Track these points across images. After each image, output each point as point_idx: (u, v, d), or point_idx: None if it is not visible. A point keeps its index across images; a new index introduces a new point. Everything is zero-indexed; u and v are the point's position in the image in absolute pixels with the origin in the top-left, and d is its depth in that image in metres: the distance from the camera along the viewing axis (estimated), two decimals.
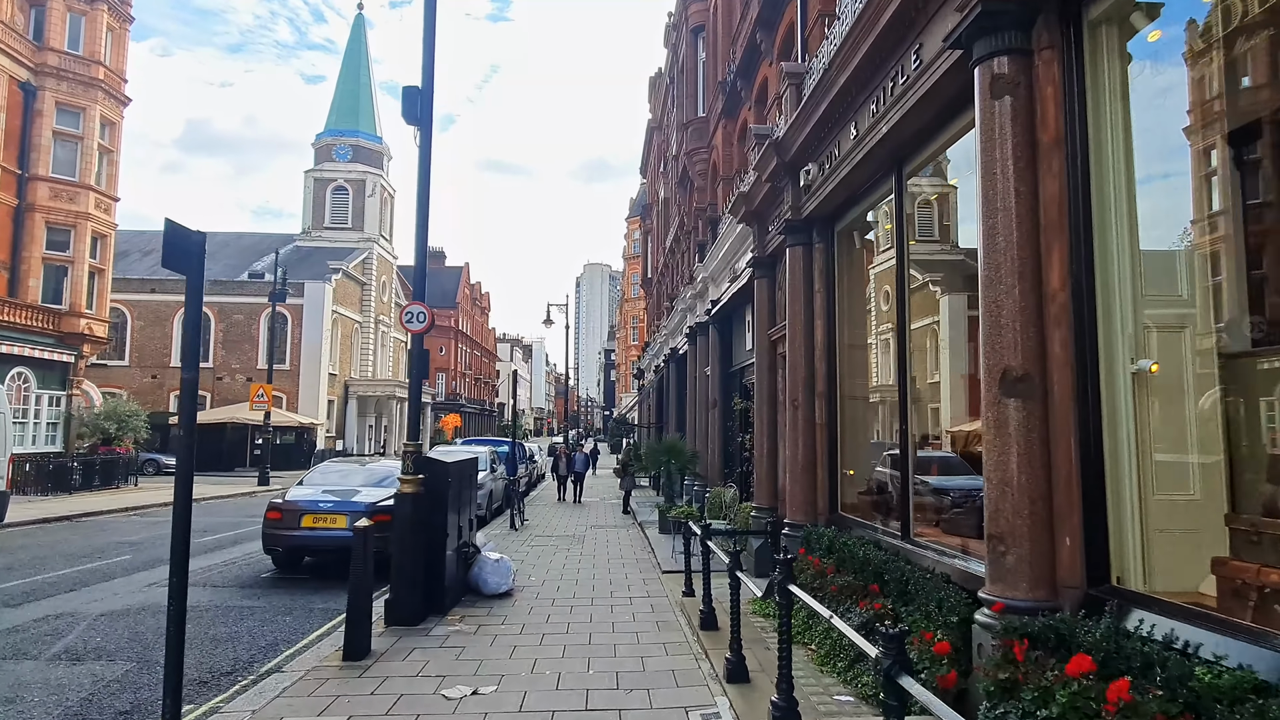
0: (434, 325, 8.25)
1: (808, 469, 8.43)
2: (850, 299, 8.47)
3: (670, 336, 23.78)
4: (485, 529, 15.77)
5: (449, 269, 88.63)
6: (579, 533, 15.23)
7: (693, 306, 17.87)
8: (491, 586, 8.89)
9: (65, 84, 24.68)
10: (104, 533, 14.80)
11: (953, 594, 4.87)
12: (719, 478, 14.51)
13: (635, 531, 15.43)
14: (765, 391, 10.47)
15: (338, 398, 46.32)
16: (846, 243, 8.51)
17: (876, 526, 7.09)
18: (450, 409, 75.76)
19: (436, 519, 7.97)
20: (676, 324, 21.95)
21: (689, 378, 19.26)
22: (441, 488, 8.02)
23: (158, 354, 42.66)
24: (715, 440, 14.88)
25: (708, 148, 18.72)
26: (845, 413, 8.35)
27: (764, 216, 10.33)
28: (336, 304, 45.39)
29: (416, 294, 8.14)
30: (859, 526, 7.48)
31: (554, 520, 17.33)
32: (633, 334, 63.10)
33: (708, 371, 16.17)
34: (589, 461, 23.17)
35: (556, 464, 22.72)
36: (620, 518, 18.12)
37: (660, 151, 34.53)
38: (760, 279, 10.66)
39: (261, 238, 52.45)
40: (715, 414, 14.89)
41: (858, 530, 7.38)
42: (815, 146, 7.98)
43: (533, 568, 11.03)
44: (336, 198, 51.10)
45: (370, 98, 54.03)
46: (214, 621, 7.94)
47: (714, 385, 15.06)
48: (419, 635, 7.12)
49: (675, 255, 26.75)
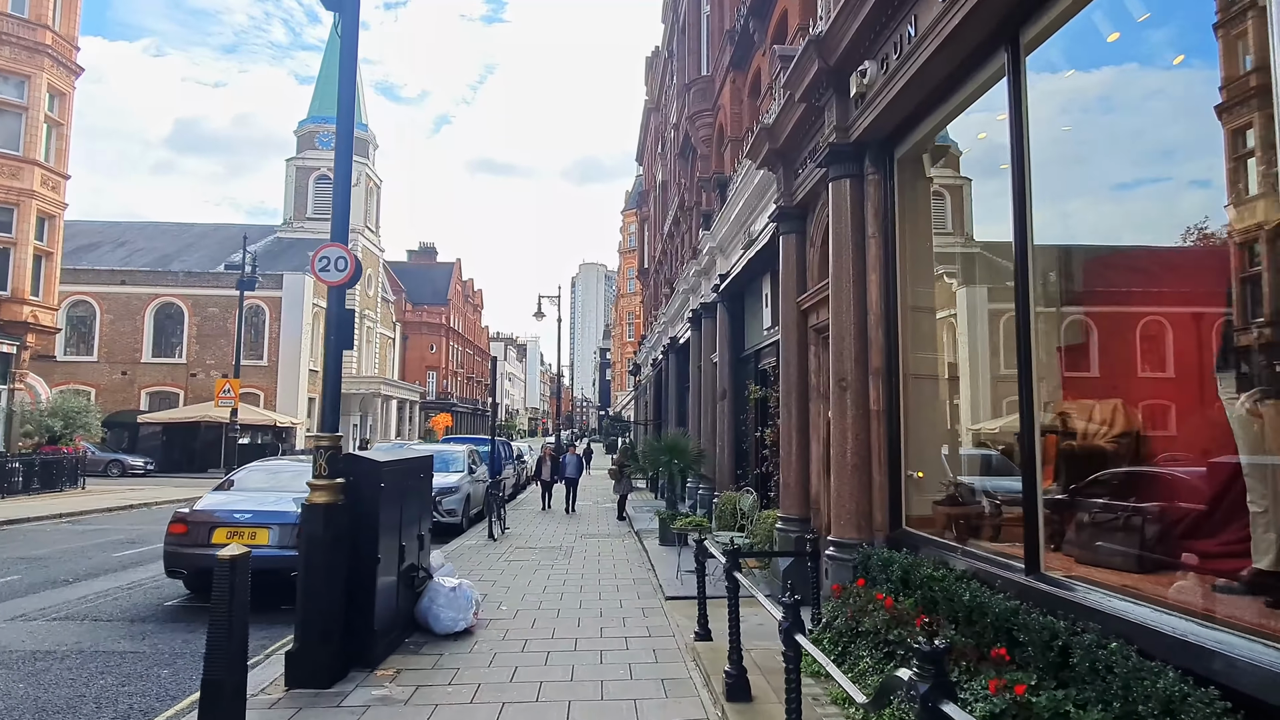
0: (358, 276, 6.17)
1: (859, 470, 6.37)
2: (915, 247, 6.43)
3: (669, 325, 21.71)
4: (461, 538, 13.71)
5: (440, 265, 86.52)
6: (567, 544, 13.16)
7: (696, 286, 15.81)
8: (444, 624, 6.81)
9: (7, 49, 22.53)
10: (10, 544, 12.67)
11: (1165, 683, 2.83)
12: (729, 480, 12.46)
13: (632, 541, 13.36)
14: (794, 374, 8.42)
15: (319, 395, 44.10)
16: (911, 171, 6.46)
17: (974, 552, 5.03)
18: (441, 408, 73.73)
19: (364, 539, 5.89)
20: (677, 310, 19.88)
21: (692, 368, 17.20)
22: (370, 496, 5.94)
23: (128, 349, 40.43)
24: (725, 436, 12.82)
25: (713, 109, 16.67)
26: (910, 396, 6.31)
27: (793, 154, 8.27)
28: (318, 297, 43.17)
29: (336, 232, 6.09)
30: (936, 548, 5.43)
31: (540, 529, 15.27)
32: (629, 330, 61.05)
33: (714, 359, 14.11)
34: (582, 465, 20.00)
35: (540, 468, 19.59)
36: (615, 525, 16.05)
37: (657, 134, 32.55)
38: (787, 235, 8.61)
39: (240, 228, 50.19)
40: (725, 406, 12.83)
41: (933, 552, 5.34)
42: (875, 35, 5.93)
43: (505, 591, 8.96)
44: (320, 187, 48.94)
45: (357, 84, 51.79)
46: (60, 678, 5.85)
47: (723, 373, 13.00)
48: (327, 707, 5.04)
49: (674, 240, 24.69)
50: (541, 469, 19.42)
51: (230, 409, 28.01)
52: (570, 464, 18.85)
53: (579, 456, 19.71)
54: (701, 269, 14.69)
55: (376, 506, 5.96)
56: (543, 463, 19.36)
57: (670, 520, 11.75)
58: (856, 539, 6.28)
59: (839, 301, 6.66)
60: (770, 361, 10.64)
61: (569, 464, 18.84)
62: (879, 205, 6.52)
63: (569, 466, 18.78)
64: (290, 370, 40.81)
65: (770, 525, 8.71)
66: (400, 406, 54.67)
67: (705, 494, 14.00)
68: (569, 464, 18.84)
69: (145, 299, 40.87)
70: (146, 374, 40.14)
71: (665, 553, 11.58)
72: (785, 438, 8.47)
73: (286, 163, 49.22)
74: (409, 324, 73.42)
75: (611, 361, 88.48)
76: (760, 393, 10.58)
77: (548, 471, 19.04)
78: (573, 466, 18.83)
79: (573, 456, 19.17)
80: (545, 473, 19.18)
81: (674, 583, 9.18)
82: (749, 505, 9.64)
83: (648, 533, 13.73)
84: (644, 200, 37.53)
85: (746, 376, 12.29)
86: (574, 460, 19.06)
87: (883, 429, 6.32)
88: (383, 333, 53.51)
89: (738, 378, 12.65)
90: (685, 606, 7.94)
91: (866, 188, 6.62)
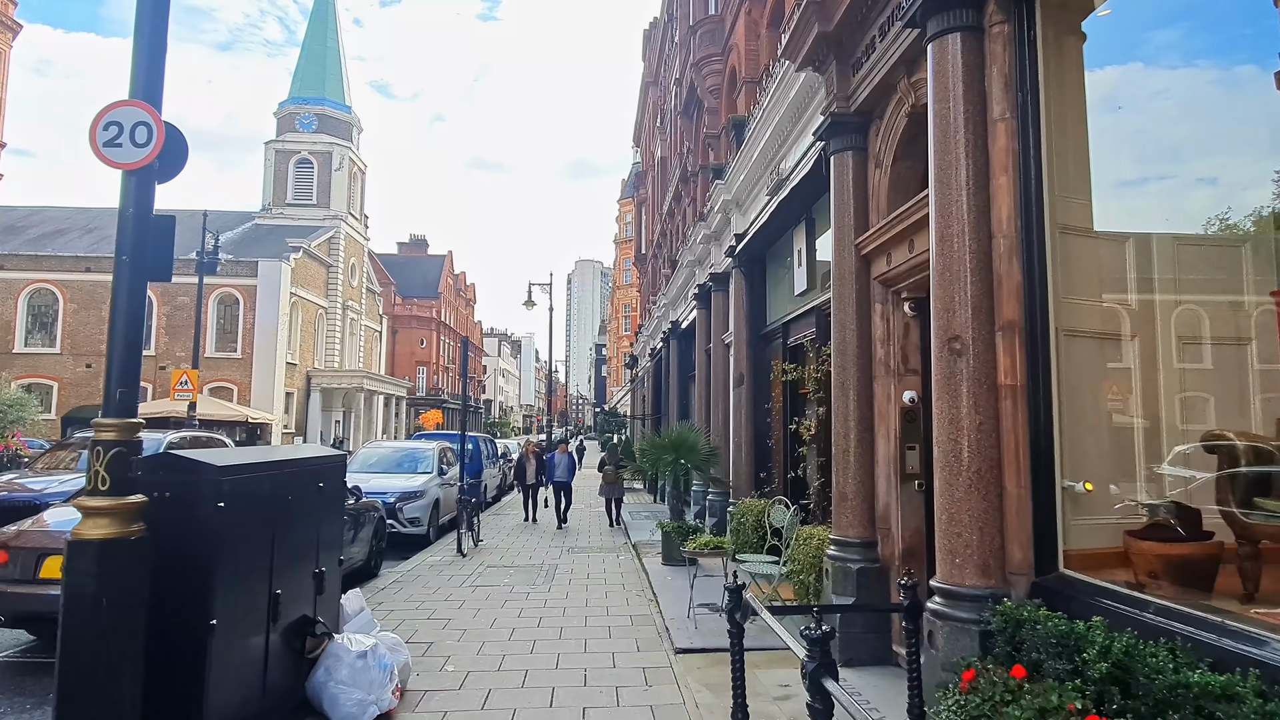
0: (178, 158, 3.85)
1: (983, 479, 4.09)
2: (1067, 135, 4.14)
3: (670, 308, 19.39)
4: (424, 553, 11.41)
5: (431, 257, 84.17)
6: (549, 560, 10.86)
7: (704, 256, 13.51)
8: (345, 710, 4.50)
9: None
10: None
11: None
12: (749, 484, 10.15)
13: (628, 558, 11.06)
14: (852, 344, 6.13)
15: (298, 390, 41.77)
16: (1059, 20, 4.17)
17: (1242, 629, 2.74)
18: (431, 404, 71.38)
19: (187, 591, 3.58)
20: (679, 289, 17.57)
21: (697, 353, 14.90)
22: (202, 522, 3.63)
23: (93, 340, 38.01)
24: (742, 431, 10.50)
25: (722, 52, 14.35)
26: (1066, 363, 4.02)
27: (853, 36, 5.96)
28: (296, 286, 40.84)
29: (140, 86, 3.76)
30: (1127, 608, 3.17)
31: (520, 540, 12.96)
32: (624, 323, 58.69)
33: (727, 339, 11.82)
34: (574, 465, 16.08)
35: (521, 470, 15.95)
36: (607, 534, 13.76)
37: (655, 109, 30.26)
38: (840, 155, 6.30)
39: (217, 216, 47.69)
40: (742, 394, 10.52)
41: (1121, 614, 3.07)
42: None
43: (459, 637, 6.65)
44: (300, 171, 46.51)
45: (339, 64, 49.44)
46: None
47: (739, 355, 10.69)
48: None
49: (674, 219, 22.39)
50: (524, 470, 15.87)
51: (188, 402, 25.55)
52: (560, 464, 15.27)
53: (570, 455, 15.99)
54: (711, 232, 12.38)
55: (215, 539, 3.65)
56: (525, 462, 15.91)
57: (678, 536, 9.47)
58: (982, 587, 3.99)
59: (946, 222, 4.36)
60: (806, 334, 8.35)
61: (558, 464, 15.30)
62: (1009, 71, 4.22)
63: (558, 468, 15.24)
64: (266, 363, 38.42)
65: (816, 550, 6.43)
66: (388, 402, 52.30)
67: (717, 500, 11.71)
68: (558, 464, 15.30)
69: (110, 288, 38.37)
70: None
71: (670, 576, 9.29)
72: (839, 430, 6.17)
73: (265, 146, 46.74)
74: (398, 317, 71.10)
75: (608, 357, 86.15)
76: (795, 373, 8.27)
77: (531, 473, 15.72)
78: (564, 467, 15.25)
79: (563, 455, 15.55)
80: (529, 474, 15.73)
81: (685, 625, 6.89)
82: (785, 521, 7.33)
83: (648, 546, 11.43)
84: (641, 181, 35.22)
85: (770, 356, 9.99)
86: (565, 460, 15.41)
87: (1022, 414, 4.03)
88: (368, 325, 51.15)
89: (759, 359, 10.35)
90: (704, 666, 5.67)
91: (990, 46, 4.32)
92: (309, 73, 48.15)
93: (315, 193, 46.36)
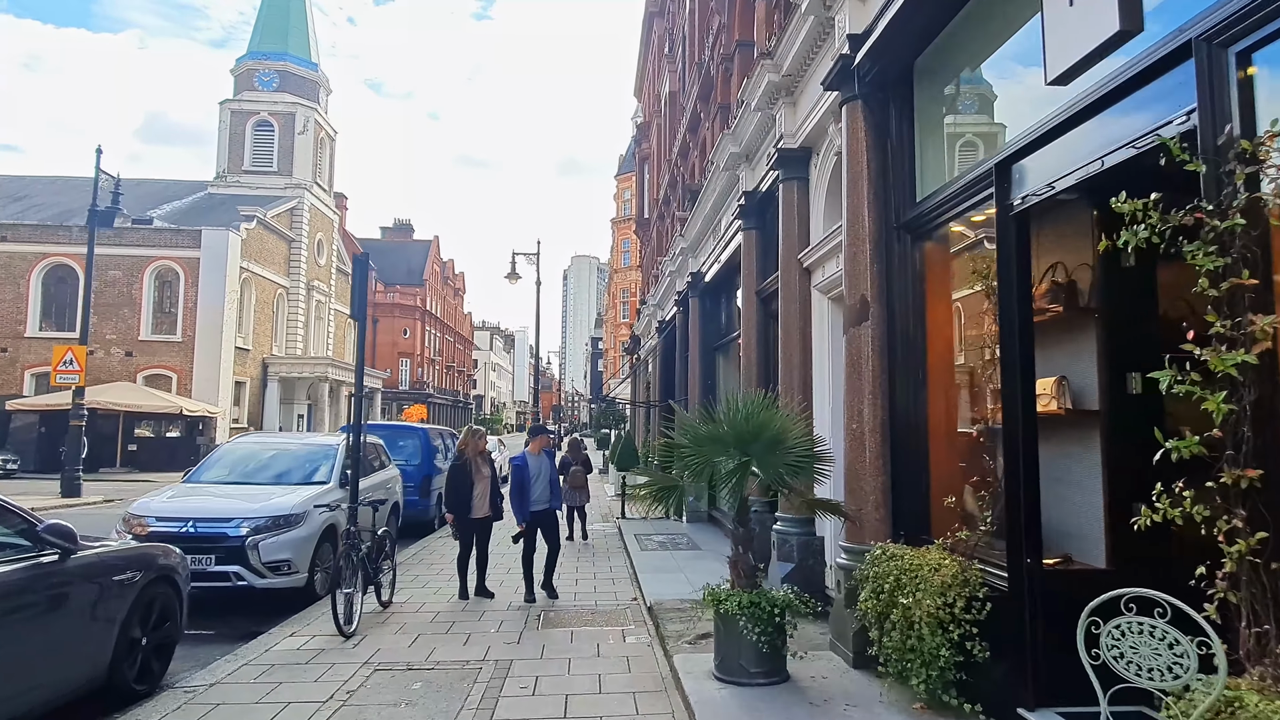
0: None
1: None
2: None
3: (690, 253, 14.29)
4: (286, 627, 6.48)
5: (416, 242, 79.05)
6: (496, 649, 5.82)
7: (762, 134, 8.49)
8: None
9: None
10: None
11: None
12: (881, 514, 5.12)
13: (641, 643, 6.03)
14: None
15: (252, 379, 36.65)
16: None
17: None
18: (415, 399, 66.31)
19: None
20: (708, 218, 12.49)
21: (743, 299, 9.88)
22: None
23: (9, 320, 32.87)
24: (865, 411, 5.35)
25: None
26: None
27: None
28: (250, 260, 35.74)
29: None
30: None
31: (451, 601, 7.87)
32: (623, 310, 53.66)
33: (813, 257, 6.81)
34: (555, 477, 8.17)
35: (458, 487, 7.68)
36: (595, 571, 8.73)
37: (660, 43, 25.32)
38: None
39: (168, 184, 42.67)
40: (865, 339, 5.41)
41: None
42: None
43: None
44: (259, 134, 41.35)
45: (304, 15, 44.23)
46: None
47: (859, 265, 5.54)
48: None
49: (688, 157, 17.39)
50: (463, 489, 7.69)
51: (73, 386, 20.49)
52: (535, 474, 7.74)
53: (552, 454, 8.38)
54: (780, 79, 7.31)
55: None
56: (467, 471, 7.73)
57: (758, 629, 4.48)
58: None
59: None
60: None
61: (532, 475, 7.72)
62: None
63: (532, 482, 7.70)
64: (210, 348, 33.30)
65: None
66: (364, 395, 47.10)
67: (793, 534, 6.70)
68: (532, 475, 7.72)
69: (31, 259, 33.31)
70: (32, 351, 32.55)
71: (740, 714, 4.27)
72: None
73: (220, 106, 41.54)
74: (380, 305, 66.06)
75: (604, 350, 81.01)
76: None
77: (479, 499, 7.71)
78: (543, 482, 7.78)
79: (537, 457, 7.88)
80: (478, 501, 7.70)
81: None
82: (1162, 660, 2.33)
83: (676, 615, 6.45)
84: (644, 134, 30.18)
85: (924, 259, 4.98)
86: (542, 467, 7.85)
87: None
88: (338, 309, 45.97)
89: (905, 264, 5.29)
90: None
91: None
92: (271, 25, 42.96)
93: (276, 159, 41.20)
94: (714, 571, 8.68)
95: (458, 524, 7.76)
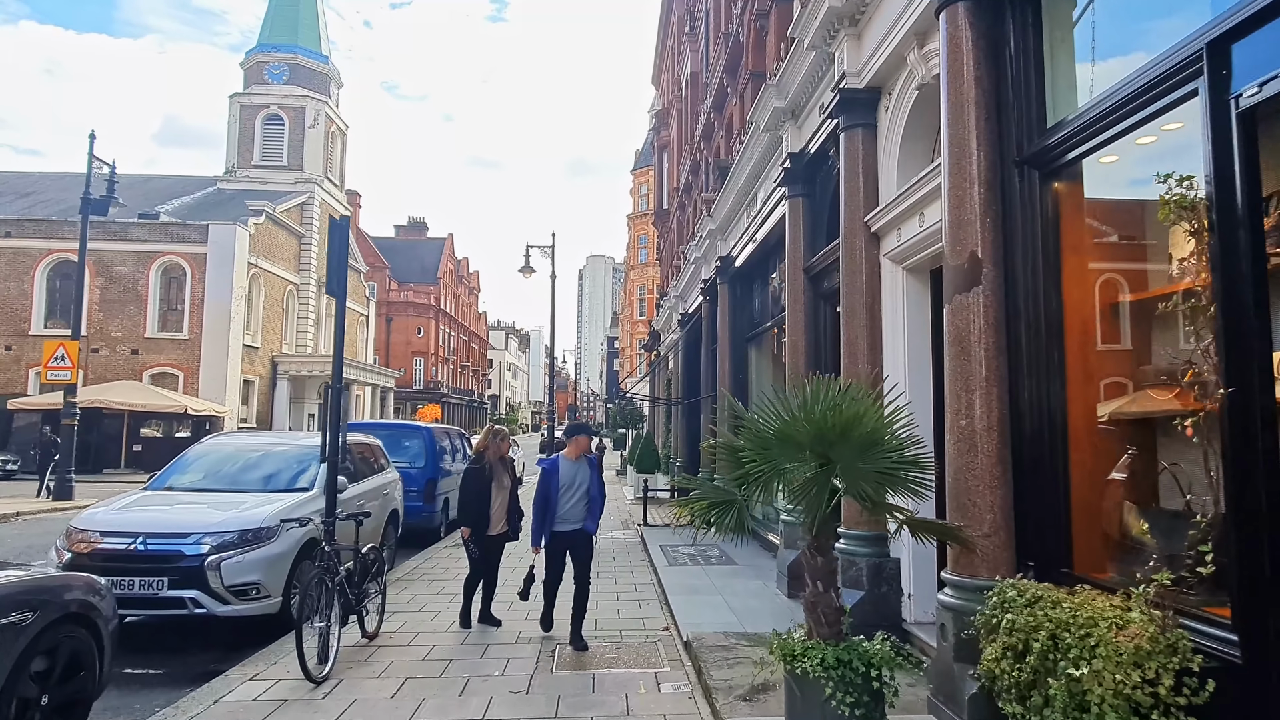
0: None
1: None
2: None
3: (719, 235, 13.04)
4: (248, 666, 5.28)
5: (430, 240, 78.09)
6: (490, 699, 4.62)
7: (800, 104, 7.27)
8: None
9: None
10: None
11: None
12: (1001, 539, 3.89)
13: (681, 703, 4.81)
14: None
15: (261, 378, 35.77)
16: None
17: None
18: (429, 398, 65.51)
19: None
20: (741, 194, 11.28)
21: (788, 277, 8.63)
22: None
23: (13, 318, 32.12)
24: (977, 404, 4.13)
25: None
26: None
27: None
28: (258, 256, 34.86)
29: None
30: None
31: (450, 632, 6.69)
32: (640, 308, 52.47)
33: (882, 219, 5.58)
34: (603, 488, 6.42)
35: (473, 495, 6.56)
36: (614, 611, 7.52)
37: (680, 24, 24.12)
38: None
39: (177, 180, 41.89)
40: (977, 307, 4.18)
41: None
42: None
43: None
44: (269, 128, 40.47)
45: (314, 7, 43.37)
46: None
47: (969, 211, 4.35)
48: None
49: (714, 134, 16.17)
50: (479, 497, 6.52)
51: (66, 384, 19.57)
52: (572, 483, 6.08)
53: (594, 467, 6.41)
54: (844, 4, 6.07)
55: None
56: (489, 472, 6.59)
57: (864, 711, 3.22)
58: None
59: None
60: None
61: (565, 485, 6.06)
62: None
63: (566, 494, 6.06)
64: (217, 346, 32.40)
65: None
66: (375, 395, 46.26)
67: (872, 560, 5.46)
68: (565, 485, 6.06)
69: (36, 255, 32.54)
70: (37, 349, 31.56)
71: None
72: None
73: (230, 99, 40.72)
74: (394, 304, 65.33)
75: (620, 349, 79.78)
76: None
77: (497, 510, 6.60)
78: (577, 496, 6.09)
79: (574, 463, 6.18)
80: (495, 514, 6.57)
81: None
82: None
83: (725, 663, 5.22)
84: (663, 122, 28.94)
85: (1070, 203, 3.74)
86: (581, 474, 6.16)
87: None
88: (352, 307, 45.07)
89: (1043, 206, 4.05)
90: None
91: None
92: (281, 16, 42.12)
93: (286, 153, 40.33)
94: (756, 593, 7.48)
95: (474, 540, 6.55)
